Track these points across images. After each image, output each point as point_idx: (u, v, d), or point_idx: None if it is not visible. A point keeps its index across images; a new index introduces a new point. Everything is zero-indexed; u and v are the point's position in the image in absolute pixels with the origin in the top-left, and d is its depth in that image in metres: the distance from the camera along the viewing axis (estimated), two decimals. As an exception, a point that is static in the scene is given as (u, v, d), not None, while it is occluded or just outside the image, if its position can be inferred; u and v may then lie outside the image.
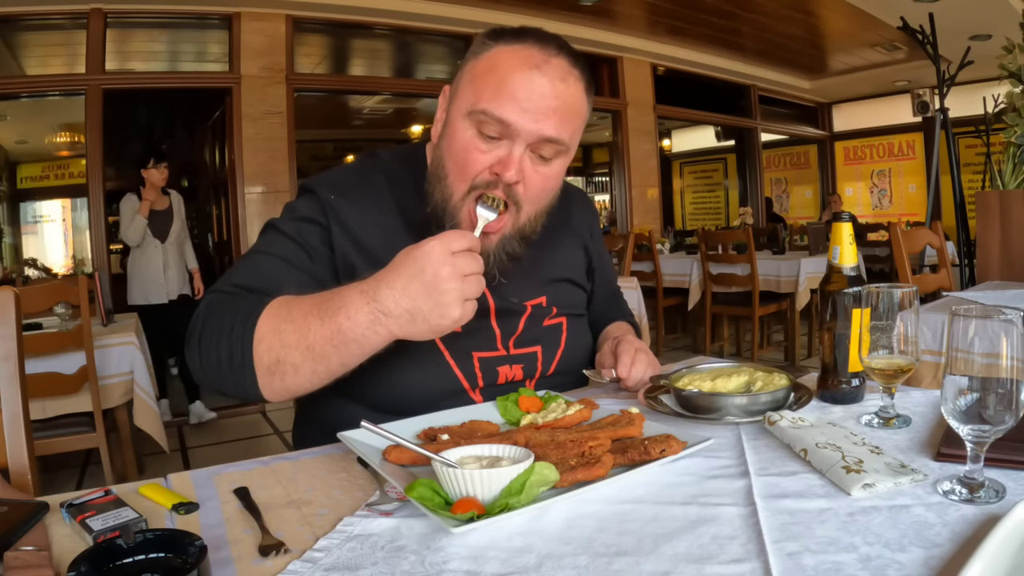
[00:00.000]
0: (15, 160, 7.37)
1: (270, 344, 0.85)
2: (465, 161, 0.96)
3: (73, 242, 7.58)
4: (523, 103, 0.93)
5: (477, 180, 0.96)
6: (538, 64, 0.94)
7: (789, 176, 10.54)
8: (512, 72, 0.94)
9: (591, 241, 1.29)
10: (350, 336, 0.82)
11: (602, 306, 1.35)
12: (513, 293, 1.11)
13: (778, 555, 0.58)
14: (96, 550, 0.57)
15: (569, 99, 0.96)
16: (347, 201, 1.05)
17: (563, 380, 1.16)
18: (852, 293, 0.98)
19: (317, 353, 0.84)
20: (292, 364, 0.85)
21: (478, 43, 1.00)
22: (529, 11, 5.50)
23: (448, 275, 0.79)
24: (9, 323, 0.98)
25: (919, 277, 2.68)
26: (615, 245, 4.62)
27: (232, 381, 0.88)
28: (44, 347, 2.43)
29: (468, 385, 1.07)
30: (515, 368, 1.11)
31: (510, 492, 0.67)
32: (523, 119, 0.93)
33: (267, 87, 4.66)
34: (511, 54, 0.95)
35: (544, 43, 0.97)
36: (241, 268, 1.00)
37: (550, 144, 0.96)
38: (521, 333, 1.12)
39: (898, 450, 0.81)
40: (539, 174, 0.98)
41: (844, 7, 5.72)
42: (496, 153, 0.95)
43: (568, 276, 1.21)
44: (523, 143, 0.95)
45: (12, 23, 4.37)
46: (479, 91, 0.95)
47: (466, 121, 0.96)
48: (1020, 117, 2.97)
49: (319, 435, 0.99)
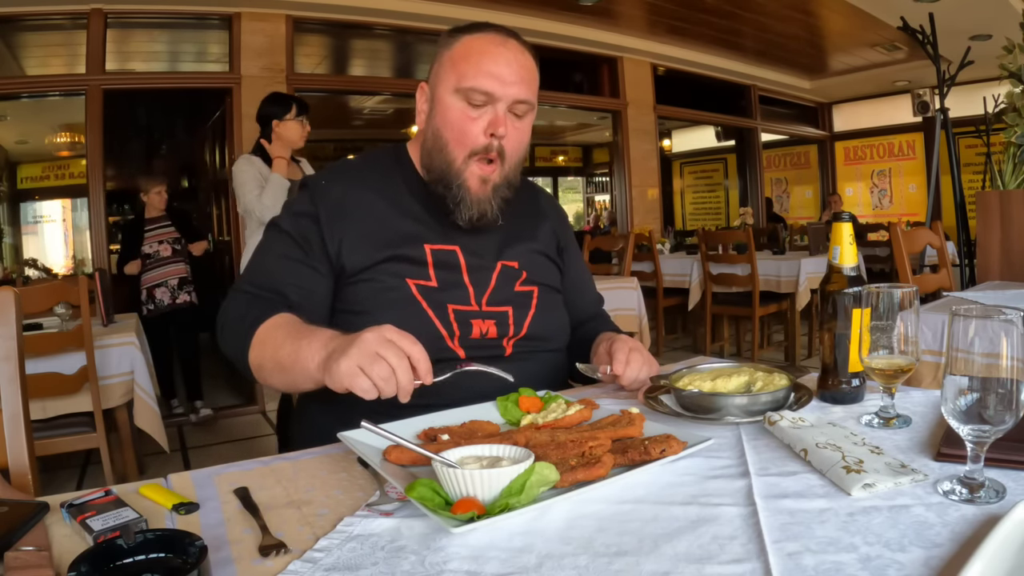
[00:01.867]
0: (15, 160, 7.37)
1: (258, 351, 1.07)
2: (462, 128, 1.16)
3: (73, 242, 7.58)
4: (499, 75, 1.14)
5: (475, 144, 1.16)
6: (502, 43, 1.17)
7: (789, 176, 10.53)
8: (485, 52, 1.16)
9: (559, 227, 1.41)
10: (301, 360, 0.97)
11: (587, 320, 1.39)
12: (485, 252, 1.24)
13: (778, 555, 0.58)
14: (96, 550, 0.57)
15: (530, 67, 1.19)
16: (337, 183, 1.23)
17: (538, 345, 1.24)
18: (852, 293, 0.98)
19: (281, 365, 1.02)
20: (268, 369, 1.06)
21: (446, 37, 1.21)
22: (529, 11, 5.50)
23: (367, 340, 0.87)
24: (9, 323, 0.98)
25: (919, 277, 2.68)
26: (615, 245, 4.61)
27: (240, 367, 1.12)
28: (44, 347, 2.43)
29: (446, 333, 1.16)
30: (488, 323, 1.19)
31: (510, 492, 0.67)
32: (502, 87, 1.14)
33: (267, 87, 4.63)
34: (479, 40, 1.17)
35: (499, 30, 1.20)
36: (252, 269, 1.21)
37: (523, 103, 1.17)
38: (493, 291, 1.22)
39: (898, 450, 0.81)
40: (517, 128, 1.19)
41: (844, 7, 5.72)
42: (485, 117, 1.16)
43: (540, 249, 1.33)
44: (503, 105, 1.15)
45: (12, 23, 4.36)
46: (462, 71, 1.15)
47: (454, 96, 1.16)
48: (1020, 117, 2.97)
49: (313, 408, 1.20)
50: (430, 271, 1.18)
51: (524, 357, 1.20)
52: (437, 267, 1.18)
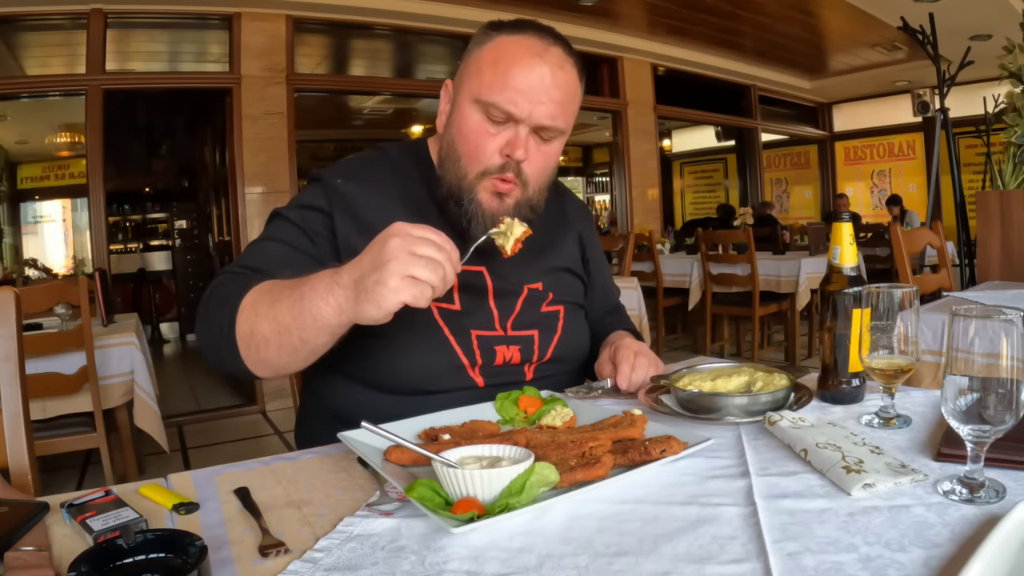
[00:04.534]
0: (15, 160, 7.38)
1: (247, 315, 0.89)
2: (476, 144, 1.03)
3: (73, 242, 7.58)
4: (527, 92, 1.00)
5: (489, 164, 1.04)
6: (539, 53, 1.02)
7: (789, 176, 10.53)
8: (516, 62, 1.01)
9: (585, 233, 1.32)
10: (306, 306, 0.82)
11: (603, 316, 1.35)
12: (511, 275, 1.15)
13: (778, 555, 0.58)
14: (96, 550, 0.57)
15: (567, 85, 1.04)
16: (353, 185, 1.10)
17: (560, 368, 1.18)
18: (852, 293, 0.98)
19: (281, 325, 0.85)
20: (263, 335, 0.87)
21: (480, 34, 1.07)
22: (529, 11, 5.49)
23: (396, 245, 0.77)
24: (9, 323, 0.98)
25: (919, 277, 2.68)
26: (615, 245, 4.61)
27: (225, 355, 0.92)
28: (44, 347, 2.43)
29: (467, 362, 1.08)
30: (512, 349, 1.12)
31: (510, 492, 0.67)
32: (528, 107, 1.00)
33: (267, 87, 4.65)
34: (513, 44, 1.02)
35: (542, 33, 1.04)
36: (248, 252, 1.06)
37: (552, 128, 1.04)
38: (519, 315, 1.14)
39: (898, 450, 0.81)
40: (541, 153, 1.06)
41: (844, 7, 5.72)
42: (504, 136, 1.03)
43: (565, 265, 1.24)
44: (527, 127, 1.02)
45: (12, 23, 4.36)
46: (486, 80, 1.02)
47: (474, 107, 1.03)
48: (1020, 117, 2.97)
49: (323, 422, 1.03)
50: (454, 294, 1.08)
51: (544, 380, 1.14)
52: (462, 290, 1.08)
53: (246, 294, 0.91)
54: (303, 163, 5.42)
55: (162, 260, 7.99)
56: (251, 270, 0.98)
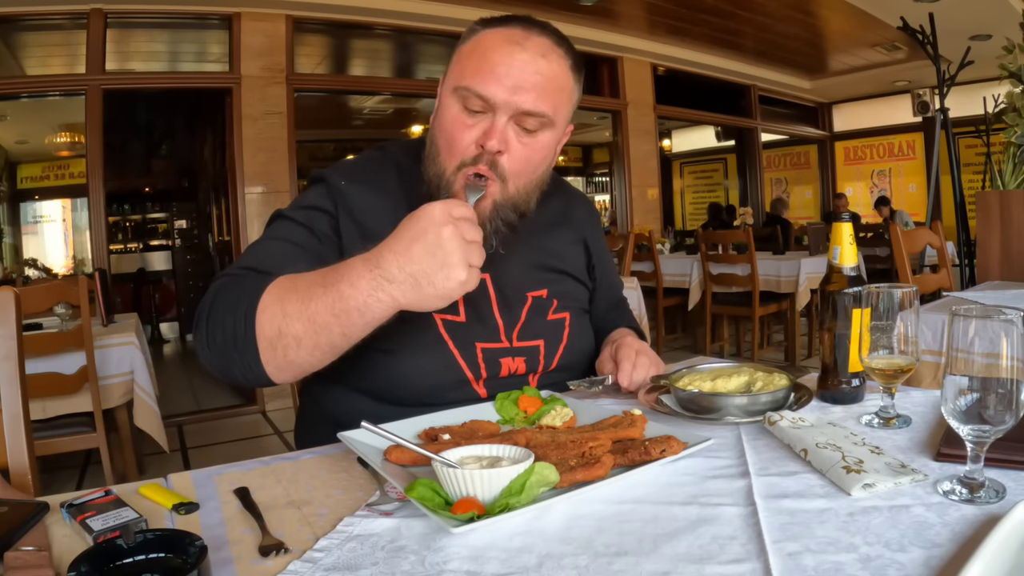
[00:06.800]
0: (15, 160, 7.38)
1: (272, 314, 0.84)
2: (453, 135, 1.00)
3: (73, 242, 7.58)
4: (502, 77, 0.96)
5: (465, 156, 1.00)
6: (518, 40, 0.99)
7: (789, 176, 10.54)
8: (493, 48, 0.98)
9: (592, 239, 1.29)
10: (352, 304, 0.80)
11: (606, 312, 1.34)
12: (515, 284, 1.13)
13: (778, 555, 0.58)
14: (96, 550, 0.57)
15: (550, 74, 0.99)
16: (357, 186, 1.07)
17: (565, 376, 1.16)
18: (852, 293, 0.98)
19: (319, 324, 0.81)
20: (294, 336, 0.83)
21: (468, 30, 1.05)
22: (529, 11, 5.49)
23: (451, 235, 0.77)
24: (9, 323, 0.98)
25: (919, 277, 2.68)
26: (615, 245, 4.61)
27: (236, 359, 0.86)
28: (44, 347, 2.43)
29: (472, 376, 1.07)
30: (518, 361, 1.10)
31: (510, 492, 0.67)
32: (502, 91, 0.96)
33: (267, 87, 4.66)
34: (495, 34, 1.00)
35: (528, 25, 1.01)
36: (251, 252, 1.01)
37: (533, 117, 0.99)
38: (524, 325, 1.12)
39: (898, 450, 0.81)
40: (524, 145, 1.01)
41: (844, 7, 5.72)
42: (481, 126, 0.98)
43: (568, 270, 1.22)
44: (504, 115, 0.98)
45: (12, 23, 4.36)
46: (463, 69, 1.00)
47: (452, 98, 1.00)
48: (1020, 117, 2.97)
49: (324, 429, 0.99)
50: (459, 305, 1.05)
51: (548, 389, 1.11)
52: (467, 300, 1.05)
53: (262, 294, 0.85)
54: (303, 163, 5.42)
55: (162, 260, 7.99)
56: (256, 271, 0.94)
